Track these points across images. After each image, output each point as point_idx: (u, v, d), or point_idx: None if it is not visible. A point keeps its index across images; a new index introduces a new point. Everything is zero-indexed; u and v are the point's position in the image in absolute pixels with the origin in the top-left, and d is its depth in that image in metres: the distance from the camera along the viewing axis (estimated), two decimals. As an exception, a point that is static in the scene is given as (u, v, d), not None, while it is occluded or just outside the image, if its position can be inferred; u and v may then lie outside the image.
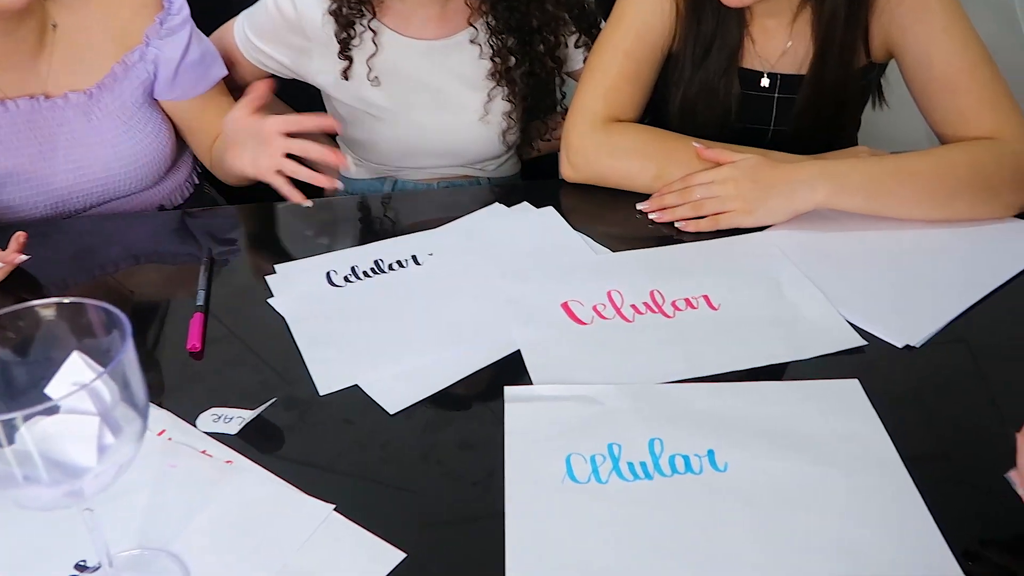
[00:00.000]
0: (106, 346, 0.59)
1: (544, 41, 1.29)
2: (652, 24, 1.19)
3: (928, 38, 1.11)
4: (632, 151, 1.15)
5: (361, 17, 1.26)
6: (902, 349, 0.89)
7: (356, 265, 1.03)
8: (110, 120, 1.22)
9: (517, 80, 1.29)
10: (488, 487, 0.75)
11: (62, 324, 0.59)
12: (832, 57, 1.17)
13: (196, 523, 0.72)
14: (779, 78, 1.22)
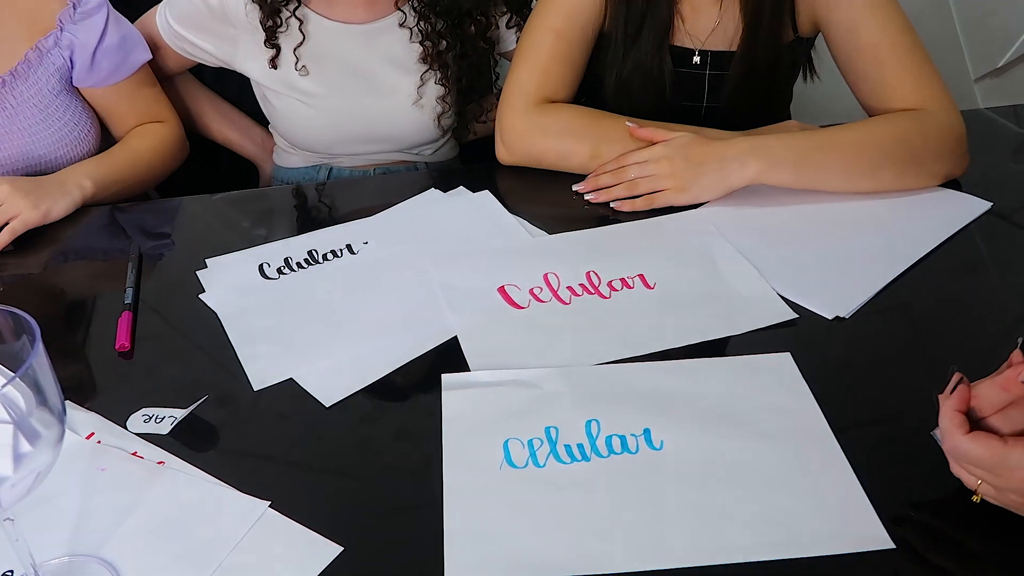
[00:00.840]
0: (16, 351, 0.57)
1: (475, 23, 1.28)
2: (582, 4, 1.19)
3: (854, 12, 1.13)
4: (566, 131, 1.15)
5: (286, 4, 1.23)
6: (832, 320, 0.91)
7: (290, 256, 1.02)
8: (26, 109, 1.18)
9: (449, 63, 1.28)
10: (426, 476, 0.74)
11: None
12: (761, 33, 1.18)
13: (127, 527, 0.71)
14: (709, 55, 1.23)
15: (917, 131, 1.08)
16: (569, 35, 1.19)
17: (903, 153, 1.07)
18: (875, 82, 1.13)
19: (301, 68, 1.27)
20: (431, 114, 1.31)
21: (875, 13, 1.12)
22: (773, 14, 1.17)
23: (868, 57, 1.13)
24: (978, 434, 0.64)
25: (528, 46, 1.20)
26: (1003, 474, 0.63)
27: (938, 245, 1.01)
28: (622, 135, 1.12)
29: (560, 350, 0.88)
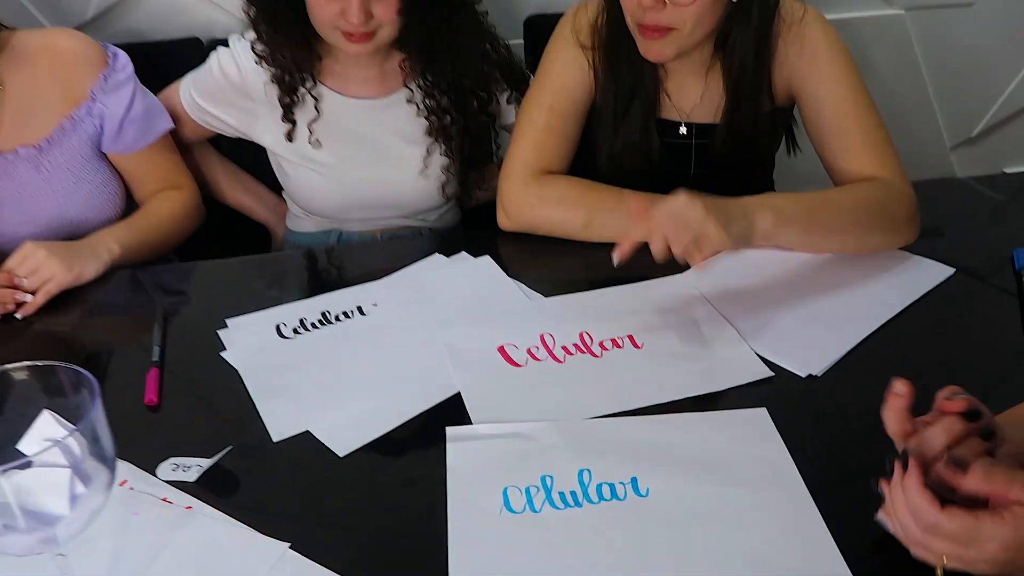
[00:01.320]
0: (75, 404, 0.64)
1: (477, 98, 1.39)
2: (573, 82, 1.29)
3: (821, 85, 1.25)
4: (562, 201, 1.24)
5: (303, 82, 1.33)
6: (806, 378, 0.98)
7: (304, 317, 1.10)
8: (60, 172, 1.28)
9: (454, 136, 1.38)
10: (431, 520, 0.81)
11: (34, 384, 0.64)
12: (742, 104, 1.29)
13: (159, 566, 0.77)
14: (695, 127, 1.33)
15: (891, 197, 1.18)
16: (562, 110, 1.29)
17: (884, 217, 1.17)
18: (839, 148, 1.24)
19: (315, 141, 1.36)
20: (436, 183, 1.41)
21: (840, 86, 1.24)
22: (752, 87, 1.28)
23: (833, 126, 1.24)
24: (951, 509, 0.66)
25: (525, 121, 1.30)
26: (976, 547, 0.65)
27: (904, 308, 1.09)
28: (614, 205, 1.21)
29: (555, 405, 0.95)
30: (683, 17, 1.16)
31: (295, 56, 1.31)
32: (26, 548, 0.63)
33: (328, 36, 1.28)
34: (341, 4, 1.21)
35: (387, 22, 1.25)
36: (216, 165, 1.54)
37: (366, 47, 1.26)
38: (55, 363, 0.64)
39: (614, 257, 1.02)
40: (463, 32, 1.32)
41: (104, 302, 1.19)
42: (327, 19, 1.24)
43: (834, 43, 1.26)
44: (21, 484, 0.61)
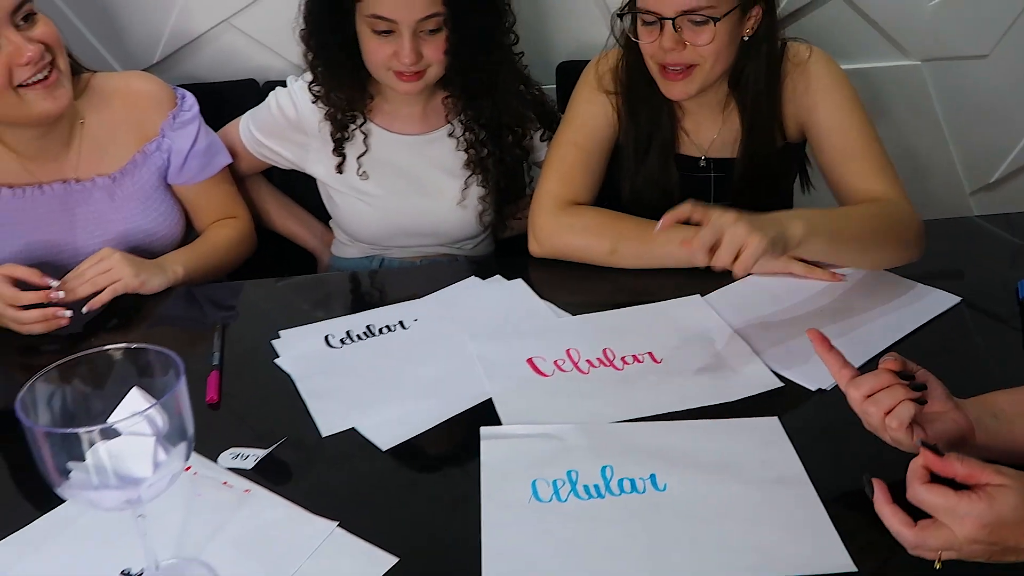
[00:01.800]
0: (161, 383, 0.74)
1: (512, 133, 1.49)
2: (597, 122, 1.41)
3: (827, 113, 1.35)
4: (588, 229, 1.33)
5: (353, 120, 1.45)
6: (815, 392, 1.05)
7: (350, 329, 1.19)
8: (130, 201, 1.40)
9: (490, 168, 1.48)
10: (466, 507, 0.89)
11: (128, 365, 0.74)
12: (757, 138, 1.39)
13: (221, 539, 0.86)
14: (713, 161, 1.42)
15: (901, 215, 1.27)
16: (587, 148, 1.40)
17: (896, 234, 1.26)
18: (846, 171, 1.34)
19: (362, 173, 1.48)
20: (473, 212, 1.51)
21: (844, 114, 1.35)
22: (766, 122, 1.38)
23: (839, 150, 1.34)
24: (933, 485, 0.74)
25: (554, 157, 1.40)
26: (954, 523, 0.72)
27: (911, 332, 1.16)
28: (637, 233, 1.30)
29: (579, 411, 1.03)
30: (703, 54, 1.27)
31: (348, 96, 1.43)
32: (115, 504, 0.72)
33: (381, 77, 1.39)
34: (394, 46, 1.33)
35: (435, 62, 1.37)
36: (268, 196, 1.66)
37: (416, 85, 1.38)
38: (146, 345, 0.74)
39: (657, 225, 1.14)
40: (502, 72, 1.44)
41: (167, 315, 1.30)
42: (381, 61, 1.36)
43: (837, 76, 1.37)
44: (113, 450, 0.70)
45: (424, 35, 1.35)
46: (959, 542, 0.73)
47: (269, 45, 1.75)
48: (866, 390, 0.86)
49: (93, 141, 1.38)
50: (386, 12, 1.32)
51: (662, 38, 1.27)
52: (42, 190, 1.34)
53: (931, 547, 0.74)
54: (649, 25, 1.28)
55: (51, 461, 0.68)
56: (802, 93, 1.36)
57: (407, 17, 1.32)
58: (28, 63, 1.20)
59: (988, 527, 0.70)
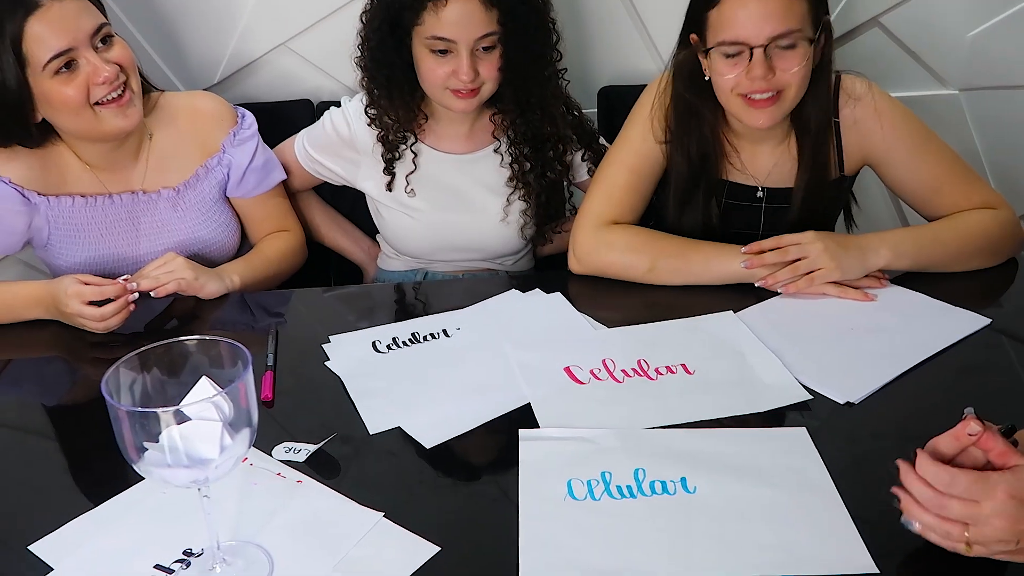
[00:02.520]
0: (230, 372, 0.80)
1: (553, 148, 1.55)
2: (650, 147, 1.43)
3: (910, 153, 1.40)
4: (629, 247, 1.38)
5: (404, 141, 1.52)
6: (844, 405, 1.09)
7: (397, 336, 1.25)
8: (192, 212, 1.48)
9: (532, 182, 1.55)
10: (505, 502, 0.94)
11: (201, 355, 0.81)
12: (816, 169, 1.42)
13: (275, 524, 0.92)
14: (767, 191, 1.46)
15: (994, 224, 1.35)
16: (637, 170, 1.44)
17: (987, 243, 1.34)
18: (941, 205, 1.39)
19: (410, 191, 1.55)
20: (515, 227, 1.57)
21: (927, 148, 1.40)
22: (824, 155, 1.41)
23: (931, 186, 1.40)
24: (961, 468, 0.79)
25: (602, 177, 1.45)
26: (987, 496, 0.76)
27: (940, 351, 1.19)
28: (675, 251, 1.35)
29: (614, 417, 1.08)
30: (790, 80, 1.30)
31: (403, 117, 1.50)
32: (184, 482, 0.78)
33: (438, 96, 1.46)
34: (452, 65, 1.41)
35: (489, 79, 1.44)
36: (318, 211, 1.73)
37: (472, 103, 1.45)
38: (217, 337, 0.81)
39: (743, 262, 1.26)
40: (548, 87, 1.51)
41: (222, 319, 1.37)
42: (439, 80, 1.43)
43: (902, 110, 1.41)
44: (185, 432, 0.76)
45: (480, 53, 1.42)
46: (985, 515, 0.77)
47: (323, 67, 1.84)
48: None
49: (160, 155, 1.47)
50: (446, 33, 1.39)
51: (751, 67, 1.28)
52: (111, 200, 1.43)
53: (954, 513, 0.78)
54: (732, 57, 1.30)
55: (131, 439, 0.74)
56: (869, 130, 1.39)
57: (465, 36, 1.39)
58: (104, 83, 1.29)
59: (1017, 497, 0.74)
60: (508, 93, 1.49)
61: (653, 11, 1.87)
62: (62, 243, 1.43)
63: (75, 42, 1.28)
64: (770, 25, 1.26)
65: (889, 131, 1.39)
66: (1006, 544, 0.78)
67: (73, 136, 1.38)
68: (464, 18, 1.39)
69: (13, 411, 1.17)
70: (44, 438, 1.11)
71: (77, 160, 1.41)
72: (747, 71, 1.29)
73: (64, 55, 1.27)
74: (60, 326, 1.30)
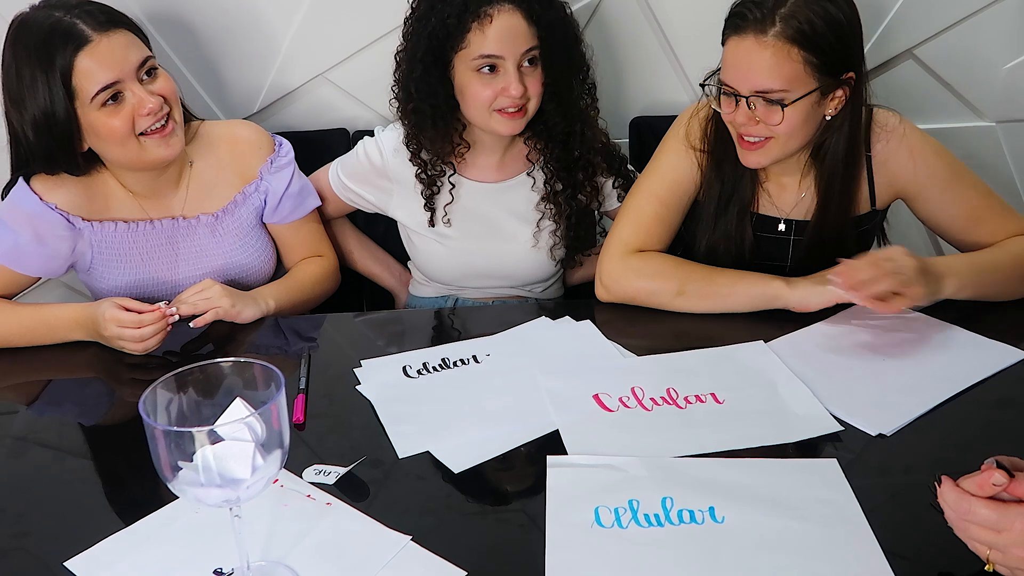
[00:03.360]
0: (264, 394, 0.82)
1: (583, 171, 1.57)
2: (681, 176, 1.44)
3: (945, 188, 1.40)
4: (656, 274, 1.38)
5: (442, 175, 1.54)
6: (876, 437, 1.08)
7: (427, 361, 1.27)
8: (230, 237, 1.51)
9: (562, 203, 1.56)
10: (532, 528, 0.94)
11: (235, 377, 0.82)
12: (831, 207, 1.41)
13: (304, 546, 0.93)
14: (794, 224, 1.46)
15: None
16: (668, 200, 1.44)
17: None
18: (979, 236, 1.40)
19: (447, 221, 1.57)
20: (545, 251, 1.59)
21: (960, 181, 1.40)
22: (843, 190, 1.41)
23: (967, 218, 1.40)
24: (981, 498, 0.80)
25: (631, 206, 1.45)
26: (1005, 528, 0.78)
27: (974, 384, 1.18)
28: (703, 276, 1.35)
29: (642, 444, 1.08)
30: (775, 131, 1.31)
31: (442, 151, 1.52)
32: (217, 502, 0.79)
33: (484, 120, 1.48)
34: (500, 84, 1.43)
35: (535, 95, 1.47)
36: (351, 237, 1.76)
37: (519, 123, 1.47)
38: (252, 360, 0.82)
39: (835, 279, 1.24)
40: (582, 111, 1.53)
41: (257, 343, 1.39)
42: (487, 102, 1.45)
43: (938, 146, 1.42)
44: (218, 452, 0.78)
45: (525, 68, 1.44)
46: (1004, 544, 0.78)
47: (360, 98, 1.88)
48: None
49: (200, 182, 1.50)
50: (493, 50, 1.42)
51: (737, 111, 1.32)
52: (152, 225, 1.47)
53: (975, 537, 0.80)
54: (727, 96, 1.33)
55: (166, 458, 0.76)
56: (901, 165, 1.40)
57: (512, 51, 1.42)
58: (149, 114, 1.33)
59: None
60: (545, 114, 1.51)
61: (685, 42, 1.89)
62: (104, 267, 1.47)
63: (122, 75, 1.32)
64: (751, 80, 1.29)
65: (921, 166, 1.39)
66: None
67: (118, 165, 1.42)
68: (509, 33, 1.41)
69: (53, 431, 1.20)
70: (81, 457, 1.13)
71: (120, 187, 1.45)
72: (733, 114, 1.33)
73: (111, 88, 1.31)
74: (99, 347, 1.33)
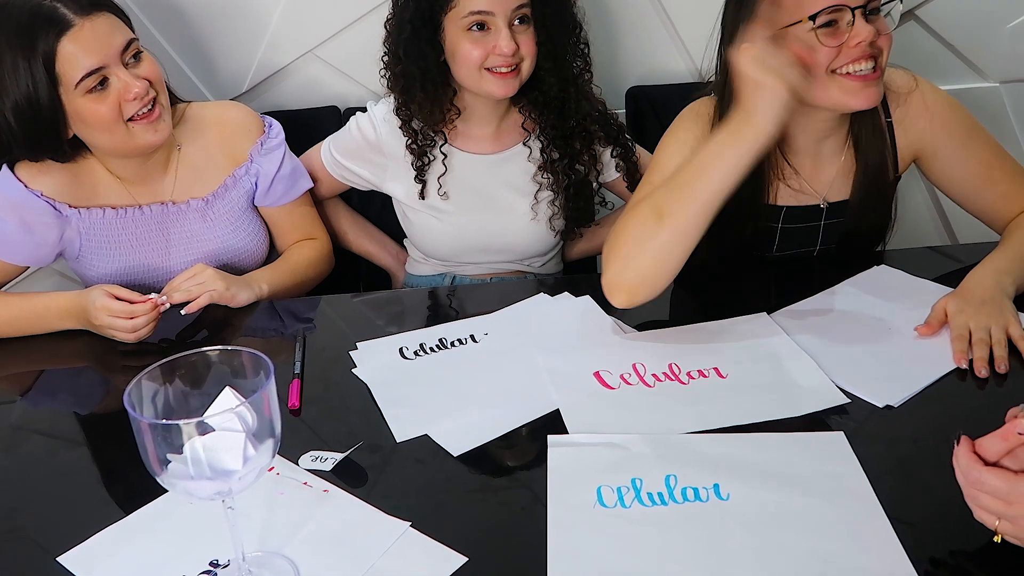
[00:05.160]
0: (253, 383, 0.80)
1: (580, 141, 1.54)
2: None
3: (960, 144, 1.36)
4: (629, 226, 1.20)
5: (433, 145, 1.51)
6: (882, 408, 1.06)
7: (424, 342, 1.24)
8: (221, 222, 1.48)
9: (560, 172, 1.53)
10: (533, 511, 0.93)
11: (223, 366, 0.80)
12: (873, 175, 1.37)
13: (301, 535, 0.91)
14: (828, 206, 1.40)
15: None
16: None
17: None
18: (992, 196, 1.36)
19: (443, 193, 1.54)
20: (544, 222, 1.56)
21: (976, 141, 1.36)
22: (881, 158, 1.36)
23: (981, 176, 1.36)
24: (993, 468, 0.79)
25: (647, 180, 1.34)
26: (1015, 500, 0.76)
27: (984, 352, 1.15)
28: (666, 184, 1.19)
29: (644, 423, 1.06)
30: (885, 45, 1.20)
31: (433, 117, 1.49)
32: (208, 494, 0.78)
33: (476, 82, 1.44)
34: (491, 42, 1.40)
35: (528, 55, 1.43)
36: (345, 218, 1.73)
37: (512, 84, 1.43)
38: (240, 347, 0.80)
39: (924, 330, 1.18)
40: (576, 77, 1.50)
41: (252, 327, 1.37)
42: (478, 61, 1.41)
43: (954, 104, 1.37)
44: (208, 443, 0.76)
45: (516, 27, 1.41)
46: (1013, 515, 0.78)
47: (349, 74, 1.84)
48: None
49: (189, 166, 1.47)
50: (483, 6, 1.38)
51: (852, 32, 1.16)
52: (142, 211, 1.44)
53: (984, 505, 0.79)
54: (829, 27, 1.18)
55: (153, 451, 0.74)
56: (924, 125, 1.36)
57: (502, 7, 1.39)
58: (135, 99, 1.30)
59: None
60: (540, 77, 1.47)
61: (681, 10, 1.84)
62: (93, 255, 1.44)
63: (106, 60, 1.29)
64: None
65: (938, 121, 1.36)
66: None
67: (104, 152, 1.39)
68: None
69: (46, 422, 1.18)
70: (75, 448, 1.12)
71: (107, 173, 1.42)
72: (849, 38, 1.17)
73: (96, 73, 1.28)
74: (91, 336, 1.31)
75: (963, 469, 0.81)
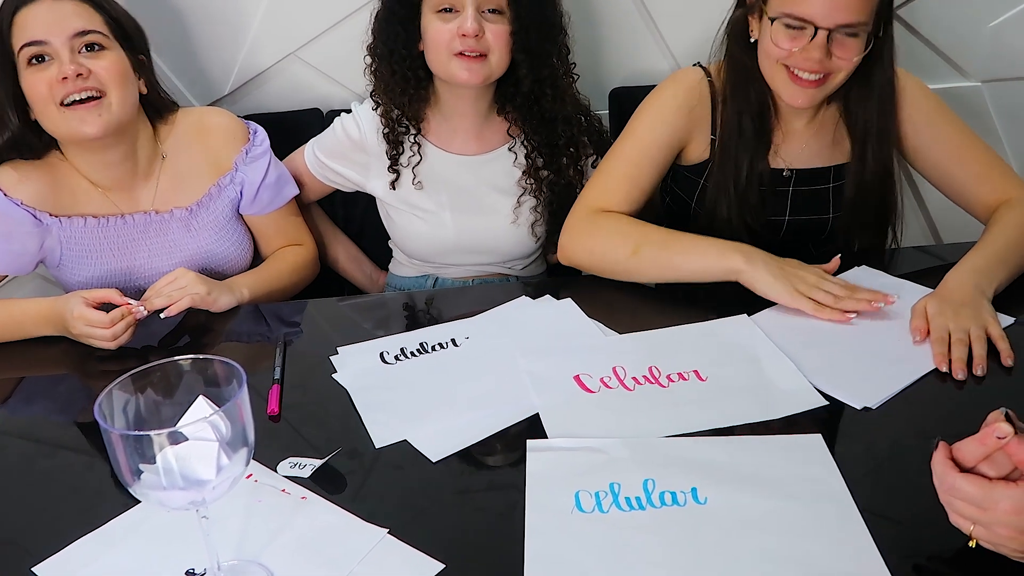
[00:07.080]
0: (226, 391, 0.79)
1: (567, 155, 1.53)
2: (657, 136, 1.41)
3: (932, 128, 1.41)
4: (613, 232, 1.36)
5: (407, 133, 1.51)
6: (860, 410, 1.06)
7: (404, 346, 1.24)
8: (206, 231, 1.48)
9: (544, 188, 1.53)
10: (511, 517, 0.92)
11: (195, 375, 0.80)
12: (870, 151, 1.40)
13: (278, 543, 0.91)
14: (795, 173, 1.44)
15: None
16: (639, 162, 1.41)
17: None
18: (964, 178, 1.40)
19: (417, 184, 1.54)
20: (526, 227, 1.56)
21: (947, 125, 1.41)
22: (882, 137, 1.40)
23: (953, 159, 1.40)
24: (968, 474, 0.79)
25: (603, 168, 1.43)
26: (989, 507, 0.77)
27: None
28: (660, 239, 1.33)
29: (624, 426, 1.06)
30: (841, 66, 1.30)
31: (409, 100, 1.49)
32: (181, 504, 0.77)
33: (445, 66, 1.44)
34: (458, 21, 1.40)
35: (496, 49, 1.43)
36: (324, 228, 1.73)
37: (478, 72, 1.42)
38: (212, 356, 0.80)
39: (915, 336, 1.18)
40: (559, 84, 1.50)
41: (233, 331, 1.37)
42: (444, 43, 1.42)
43: (927, 91, 1.42)
44: (180, 453, 0.75)
45: (486, 15, 1.42)
46: (987, 522, 0.77)
47: (332, 76, 1.83)
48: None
49: (173, 175, 1.47)
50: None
51: (810, 47, 1.27)
52: (124, 220, 1.43)
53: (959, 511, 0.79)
54: (794, 30, 1.28)
55: (125, 462, 0.73)
56: (904, 118, 1.40)
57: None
58: (65, 80, 1.29)
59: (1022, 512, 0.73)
60: (522, 77, 1.47)
61: (664, 12, 1.84)
62: (74, 263, 1.44)
63: (50, 36, 1.29)
64: (841, 13, 1.26)
65: (909, 101, 1.40)
66: (1012, 551, 0.78)
67: (55, 136, 1.37)
68: None
69: (26, 429, 1.18)
70: (52, 456, 1.11)
71: (87, 181, 1.41)
72: (804, 49, 1.28)
73: (35, 45, 1.29)
74: (70, 343, 1.30)
75: (939, 475, 0.81)
